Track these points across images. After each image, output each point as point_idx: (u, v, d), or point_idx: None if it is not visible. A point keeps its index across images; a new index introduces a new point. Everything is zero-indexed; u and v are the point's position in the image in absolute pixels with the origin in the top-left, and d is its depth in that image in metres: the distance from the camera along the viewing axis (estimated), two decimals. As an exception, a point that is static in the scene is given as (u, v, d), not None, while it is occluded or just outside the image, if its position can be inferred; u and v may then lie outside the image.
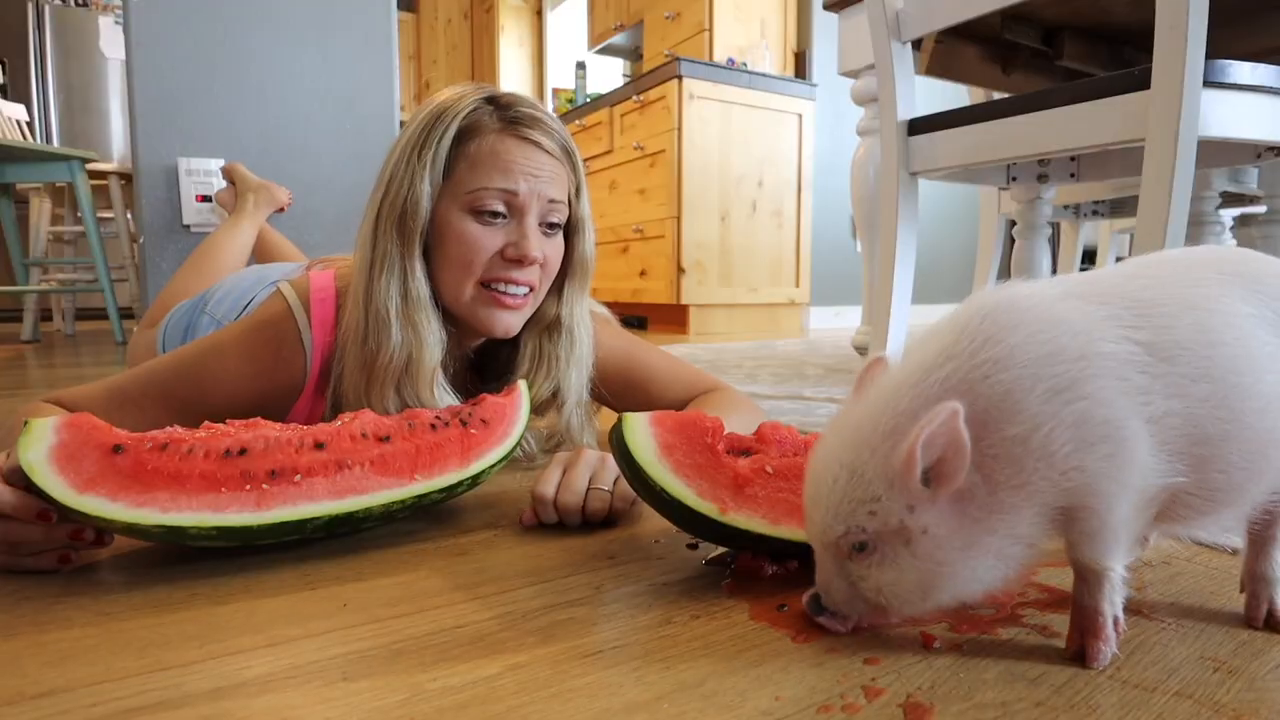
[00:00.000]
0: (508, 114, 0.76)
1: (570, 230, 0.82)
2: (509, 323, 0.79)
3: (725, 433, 0.58)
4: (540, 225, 0.78)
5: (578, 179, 0.82)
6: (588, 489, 0.64)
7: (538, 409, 0.84)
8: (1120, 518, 0.38)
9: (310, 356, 0.77)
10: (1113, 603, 0.41)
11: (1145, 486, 0.38)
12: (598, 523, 0.66)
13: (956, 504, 0.38)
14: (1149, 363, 0.38)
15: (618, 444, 0.55)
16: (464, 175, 0.75)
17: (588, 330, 0.86)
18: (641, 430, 0.54)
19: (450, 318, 0.80)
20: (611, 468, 0.66)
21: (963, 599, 0.40)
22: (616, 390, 0.91)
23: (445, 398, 0.77)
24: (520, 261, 0.76)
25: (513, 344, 0.85)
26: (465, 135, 0.75)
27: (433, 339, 0.75)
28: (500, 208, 0.75)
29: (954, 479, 0.37)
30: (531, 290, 0.79)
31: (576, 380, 0.85)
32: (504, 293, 0.77)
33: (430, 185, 0.74)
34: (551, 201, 0.77)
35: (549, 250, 0.79)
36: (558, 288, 0.84)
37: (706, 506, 0.52)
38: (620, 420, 0.55)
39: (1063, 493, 0.37)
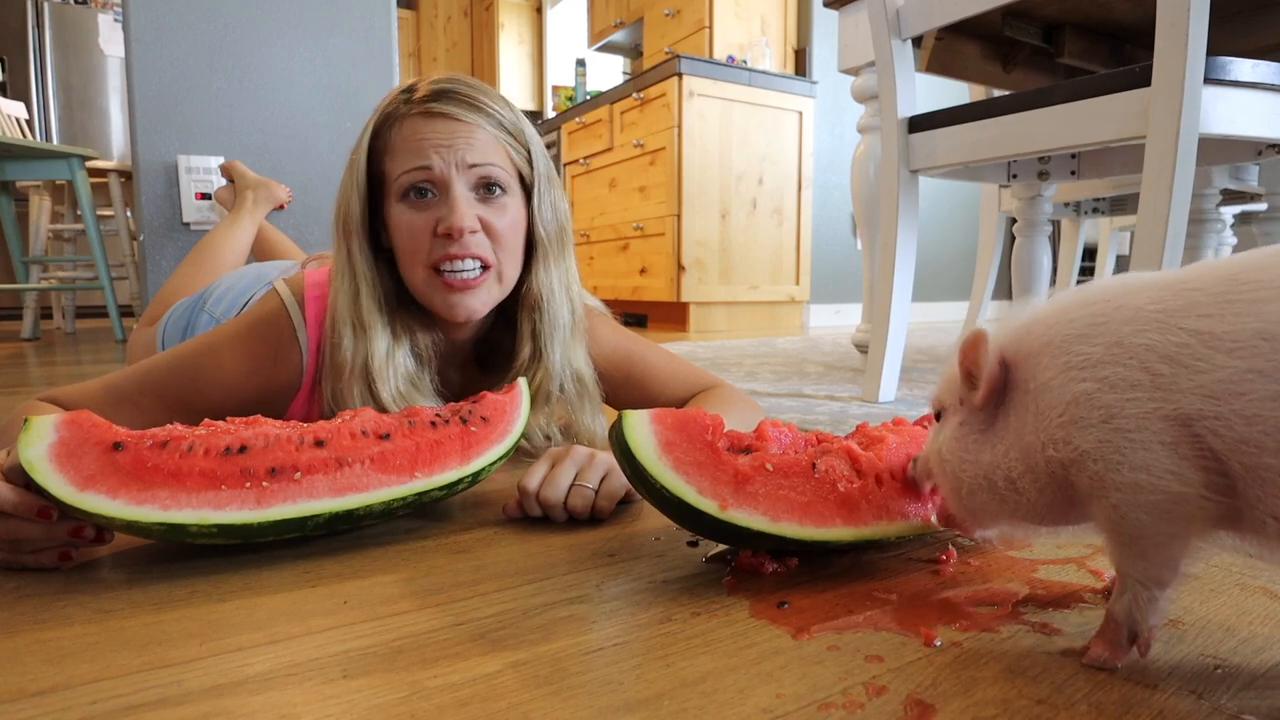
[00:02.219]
0: (416, 95, 0.76)
1: (524, 195, 0.80)
2: (468, 305, 0.76)
3: (725, 430, 0.58)
4: (476, 191, 0.76)
5: (524, 144, 0.79)
6: (572, 485, 0.65)
7: (538, 398, 0.83)
8: (1140, 522, 0.37)
9: (306, 354, 0.77)
10: (1132, 616, 0.40)
11: (1171, 493, 0.35)
12: (584, 520, 0.66)
13: (988, 420, 0.43)
14: (1198, 355, 0.34)
15: (618, 441, 0.54)
16: (389, 167, 0.76)
17: (563, 300, 0.84)
18: (641, 427, 0.54)
19: (428, 312, 0.80)
20: (600, 465, 0.66)
21: (976, 515, 0.45)
22: (616, 387, 0.91)
23: (418, 398, 0.77)
24: (450, 234, 0.74)
25: (510, 331, 0.85)
26: (382, 129, 0.76)
27: (378, 339, 0.75)
28: (425, 187, 0.75)
29: (975, 390, 0.42)
30: (487, 267, 0.77)
31: (559, 351, 0.83)
32: (451, 272, 0.75)
33: (357, 188, 0.76)
34: (475, 166, 0.75)
35: (492, 215, 0.76)
36: (526, 260, 0.82)
37: (706, 504, 0.52)
38: (620, 418, 0.55)
39: (1059, 464, 0.39)
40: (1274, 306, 0.33)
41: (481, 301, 0.78)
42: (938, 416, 0.48)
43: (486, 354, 0.88)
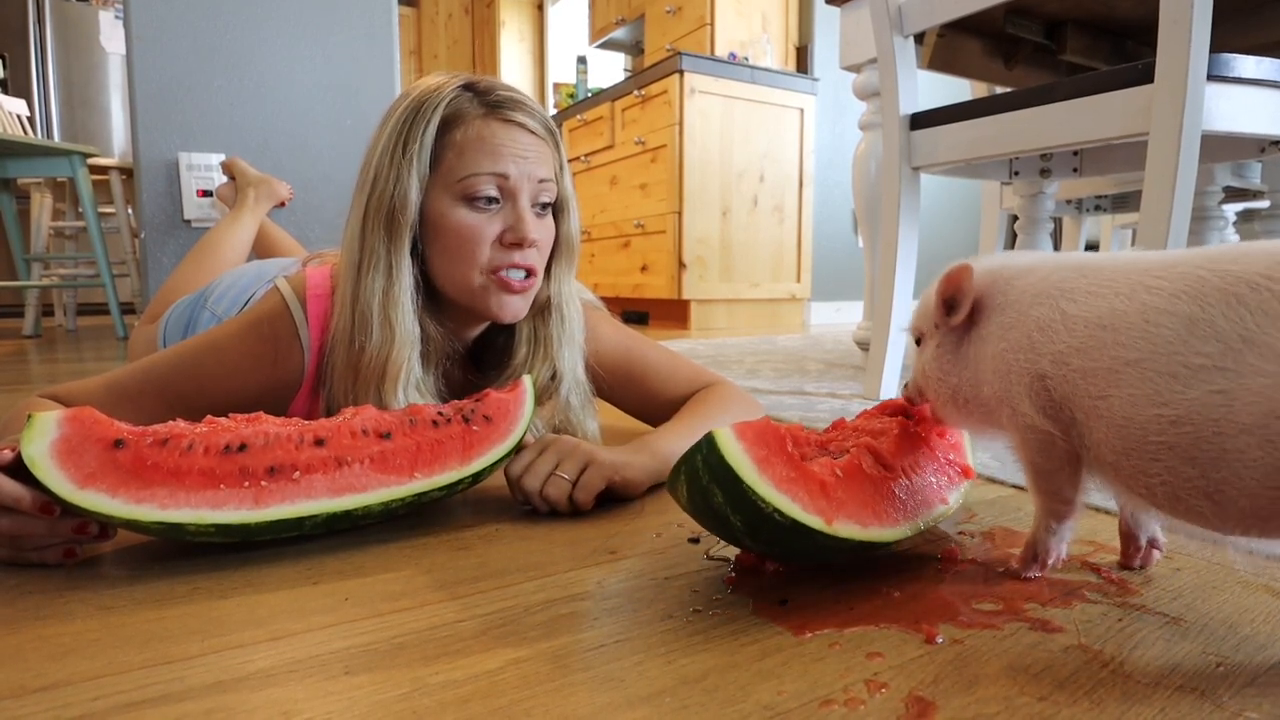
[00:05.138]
0: (488, 99, 0.76)
1: (556, 209, 0.82)
2: (517, 307, 0.78)
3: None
4: (533, 206, 0.77)
5: (560, 158, 0.81)
6: (550, 475, 0.66)
7: (539, 396, 0.84)
8: (1030, 457, 0.48)
9: (307, 353, 0.77)
10: (1036, 540, 0.51)
11: (1040, 431, 0.46)
12: (565, 512, 0.66)
13: (957, 345, 0.52)
14: (1059, 332, 0.45)
15: (713, 465, 0.48)
16: (452, 164, 0.74)
17: (577, 309, 0.86)
18: (734, 446, 0.49)
19: (449, 311, 0.80)
20: (580, 457, 0.67)
21: (947, 419, 0.56)
22: (616, 385, 0.91)
23: (419, 400, 0.77)
24: (520, 244, 0.75)
25: (508, 330, 0.85)
26: (449, 124, 0.74)
27: (403, 338, 0.74)
28: (494, 193, 0.74)
29: (955, 313, 0.51)
30: (532, 273, 0.78)
31: (570, 359, 0.84)
32: (510, 278, 0.76)
33: (418, 179, 0.73)
34: (542, 181, 0.77)
35: (543, 231, 0.78)
36: (546, 268, 0.83)
37: (813, 520, 0.48)
38: (709, 439, 0.49)
39: (990, 399, 0.49)
40: (1103, 302, 0.43)
41: (525, 304, 0.80)
42: (918, 342, 0.57)
43: (481, 352, 0.88)
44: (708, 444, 0.49)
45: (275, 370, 0.76)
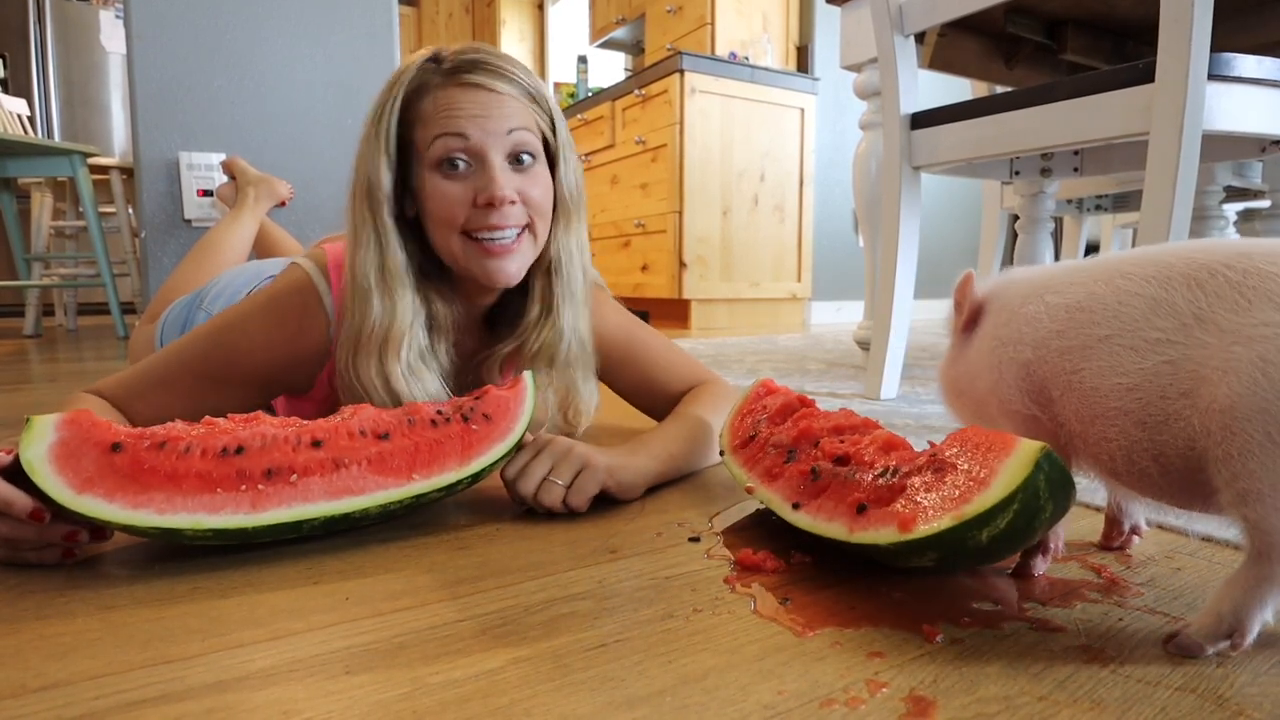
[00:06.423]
0: (446, 65, 0.76)
1: (551, 161, 0.81)
2: (508, 269, 0.77)
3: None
4: (509, 160, 0.76)
5: (547, 111, 0.80)
6: (544, 479, 0.66)
7: (543, 354, 0.83)
8: None
9: (332, 320, 0.78)
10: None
11: (1026, 415, 0.50)
12: (564, 513, 0.66)
13: (964, 345, 0.56)
14: (1043, 320, 0.49)
15: (1059, 478, 0.44)
16: (421, 135, 0.75)
17: (579, 267, 0.84)
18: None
19: (456, 282, 0.81)
20: (574, 461, 0.67)
21: (953, 412, 0.59)
22: (614, 365, 0.92)
23: (425, 374, 0.77)
24: (491, 205, 0.74)
25: (522, 292, 0.84)
26: (414, 98, 0.76)
27: (402, 308, 0.75)
28: (461, 156, 0.74)
29: (959, 318, 0.56)
30: (524, 230, 0.77)
31: (570, 316, 0.83)
32: (490, 239, 0.75)
33: (386, 156, 0.75)
34: (512, 132, 0.75)
35: (526, 185, 0.76)
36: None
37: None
38: (1049, 456, 0.44)
39: (980, 393, 0.53)
40: (1081, 289, 0.47)
41: (518, 266, 0.78)
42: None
43: (498, 315, 0.88)
44: (1049, 462, 0.44)
45: (303, 338, 0.78)
